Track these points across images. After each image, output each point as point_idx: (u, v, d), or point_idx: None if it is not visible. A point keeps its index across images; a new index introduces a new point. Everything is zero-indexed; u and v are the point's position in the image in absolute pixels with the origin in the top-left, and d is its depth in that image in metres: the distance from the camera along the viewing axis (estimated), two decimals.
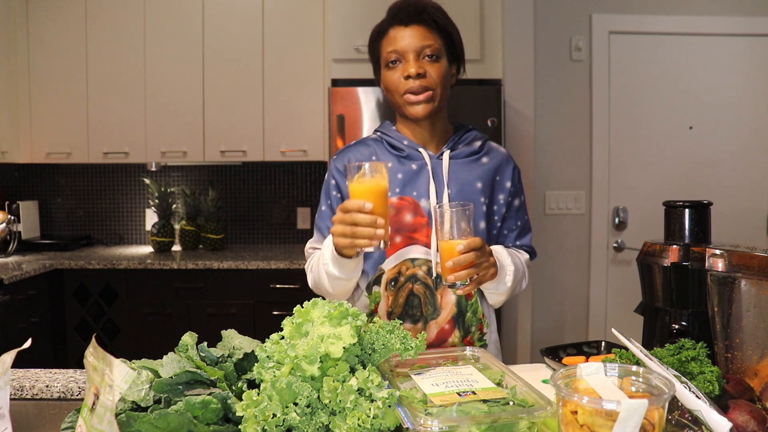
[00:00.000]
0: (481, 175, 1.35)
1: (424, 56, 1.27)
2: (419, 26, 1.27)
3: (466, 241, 1.09)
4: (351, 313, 0.81)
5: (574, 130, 3.29)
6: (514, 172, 1.41)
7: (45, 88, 3.19)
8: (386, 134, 1.37)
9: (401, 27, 1.27)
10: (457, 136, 1.37)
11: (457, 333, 1.31)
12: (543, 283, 3.31)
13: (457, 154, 1.35)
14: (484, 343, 1.35)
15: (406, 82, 1.27)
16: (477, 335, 1.33)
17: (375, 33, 1.34)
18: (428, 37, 1.27)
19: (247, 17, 3.17)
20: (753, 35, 3.28)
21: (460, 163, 1.34)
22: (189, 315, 2.95)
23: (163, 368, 0.81)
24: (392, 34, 1.28)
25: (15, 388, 1.11)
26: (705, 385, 0.83)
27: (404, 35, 1.27)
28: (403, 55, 1.27)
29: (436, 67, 1.27)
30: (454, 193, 1.31)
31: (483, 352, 0.96)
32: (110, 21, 3.17)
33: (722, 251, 1.00)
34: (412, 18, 1.27)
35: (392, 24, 1.29)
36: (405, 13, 1.27)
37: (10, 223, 3.06)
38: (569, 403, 0.67)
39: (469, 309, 1.32)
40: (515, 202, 1.42)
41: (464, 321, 1.31)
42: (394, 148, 1.35)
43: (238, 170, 3.56)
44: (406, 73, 1.26)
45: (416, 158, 1.33)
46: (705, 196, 1.28)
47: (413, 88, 1.26)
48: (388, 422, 0.74)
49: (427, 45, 1.26)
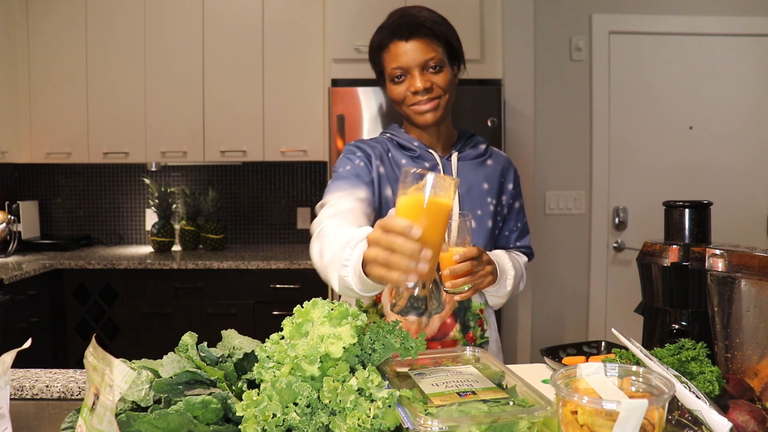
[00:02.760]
0: (487, 176, 1.40)
1: (428, 68, 1.29)
2: (419, 40, 1.28)
3: (463, 250, 1.10)
4: (351, 313, 0.81)
5: (574, 130, 3.29)
6: (515, 176, 1.47)
7: (45, 88, 3.19)
8: (396, 135, 1.39)
9: (402, 42, 1.28)
10: (464, 139, 1.42)
11: (458, 327, 1.34)
12: (543, 283, 3.31)
13: (464, 156, 1.39)
14: (486, 340, 1.37)
15: (413, 97, 1.30)
16: (479, 332, 1.36)
17: (375, 46, 1.35)
18: (430, 49, 1.28)
19: (247, 17, 3.17)
20: (753, 35, 3.28)
21: (467, 165, 1.39)
22: (189, 315, 2.95)
23: (163, 368, 0.81)
24: (393, 49, 1.30)
25: (15, 388, 1.11)
26: (705, 385, 0.83)
27: (406, 50, 1.28)
28: (408, 71, 1.29)
29: (441, 77, 1.30)
30: (464, 193, 1.35)
31: (483, 352, 0.96)
32: (110, 21, 3.17)
33: (722, 251, 1.00)
34: (411, 32, 1.28)
35: (392, 39, 1.30)
36: (404, 27, 1.28)
37: (10, 223, 3.06)
38: (569, 403, 0.67)
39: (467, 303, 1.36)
40: (516, 204, 1.47)
41: (464, 315, 1.35)
42: (405, 149, 1.37)
43: (238, 170, 3.56)
44: (413, 88, 1.28)
45: (428, 158, 1.36)
46: (705, 196, 1.28)
47: (420, 101, 1.29)
48: (388, 422, 0.74)
49: (430, 57, 1.28)
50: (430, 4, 1.42)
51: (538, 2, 3.11)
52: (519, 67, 2.98)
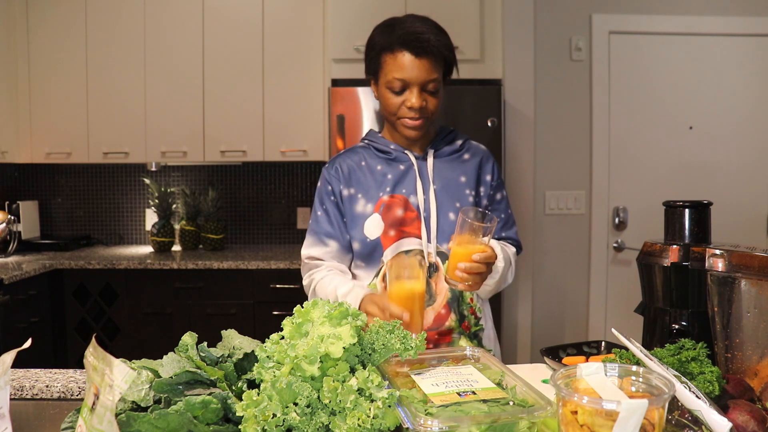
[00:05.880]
0: (464, 170, 1.46)
1: (427, 89, 1.35)
2: (428, 60, 1.33)
3: (485, 253, 1.17)
4: (351, 313, 0.81)
5: (574, 130, 3.29)
6: (494, 167, 1.50)
7: (45, 88, 3.19)
8: (373, 141, 1.48)
9: (411, 56, 1.32)
10: (440, 137, 1.48)
11: (453, 317, 1.38)
12: (543, 283, 3.31)
13: (440, 153, 1.46)
14: (481, 328, 1.42)
15: (407, 111, 1.36)
16: (473, 320, 1.41)
17: (380, 46, 1.36)
18: (433, 71, 1.34)
19: (247, 17, 3.17)
20: (753, 35, 3.28)
21: (443, 161, 1.45)
22: (189, 315, 2.95)
23: (163, 368, 0.81)
24: (401, 59, 1.33)
25: (15, 388, 1.11)
26: (705, 385, 0.83)
27: (413, 66, 1.32)
28: (408, 85, 1.34)
29: (434, 101, 1.37)
30: (440, 188, 1.41)
31: (483, 352, 0.96)
32: (110, 21, 3.17)
33: (722, 251, 1.00)
34: (423, 51, 1.32)
35: (402, 48, 1.32)
36: (419, 44, 1.31)
37: (10, 223, 3.06)
38: (569, 403, 0.67)
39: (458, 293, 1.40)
40: (497, 195, 1.51)
41: (458, 305, 1.39)
42: (382, 153, 1.45)
43: (238, 170, 3.56)
44: (410, 104, 1.34)
45: (403, 160, 1.44)
46: (705, 196, 1.28)
47: (411, 116, 1.36)
48: (388, 422, 0.74)
49: (432, 79, 1.34)
50: (431, 4, 1.42)
51: (538, 2, 3.11)
52: (519, 67, 2.98)
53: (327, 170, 1.48)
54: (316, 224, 1.48)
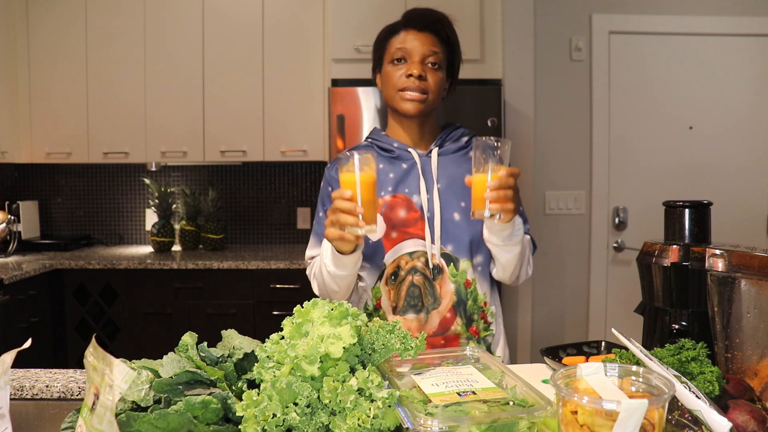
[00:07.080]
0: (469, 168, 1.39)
1: (428, 62, 1.35)
2: (431, 35, 1.35)
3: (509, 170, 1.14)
4: (351, 313, 0.81)
5: (574, 130, 3.29)
6: None
7: (45, 88, 3.19)
8: (377, 139, 1.45)
9: (414, 30, 1.35)
10: (445, 134, 1.45)
11: (459, 321, 1.34)
12: (543, 283, 3.31)
13: (445, 150, 1.42)
14: (491, 333, 1.38)
15: (406, 80, 1.35)
16: (482, 324, 1.37)
17: (386, 30, 1.41)
18: (436, 46, 1.35)
19: (247, 17, 3.17)
20: (753, 35, 3.28)
21: (448, 159, 1.42)
22: (189, 315, 2.95)
23: (163, 368, 0.81)
24: (404, 35, 1.37)
25: (15, 388, 1.11)
26: (705, 385, 0.83)
27: (415, 38, 1.35)
28: (410, 56, 1.35)
29: (435, 76, 1.36)
30: (444, 187, 1.38)
31: (483, 352, 0.96)
32: (110, 21, 3.17)
33: (722, 251, 1.00)
34: (427, 25, 1.35)
35: (407, 27, 1.37)
36: (422, 19, 1.36)
37: (10, 223, 3.06)
38: (569, 403, 0.67)
39: (469, 297, 1.35)
40: None
41: (465, 309, 1.35)
42: (385, 151, 1.43)
43: (238, 170, 3.56)
44: (409, 72, 1.34)
45: (406, 158, 1.41)
46: (705, 196, 1.28)
47: (411, 87, 1.34)
48: (388, 422, 0.74)
49: (434, 52, 1.35)
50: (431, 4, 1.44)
51: (538, 2, 3.11)
52: (519, 67, 2.98)
53: (329, 170, 1.47)
54: (318, 225, 1.46)
